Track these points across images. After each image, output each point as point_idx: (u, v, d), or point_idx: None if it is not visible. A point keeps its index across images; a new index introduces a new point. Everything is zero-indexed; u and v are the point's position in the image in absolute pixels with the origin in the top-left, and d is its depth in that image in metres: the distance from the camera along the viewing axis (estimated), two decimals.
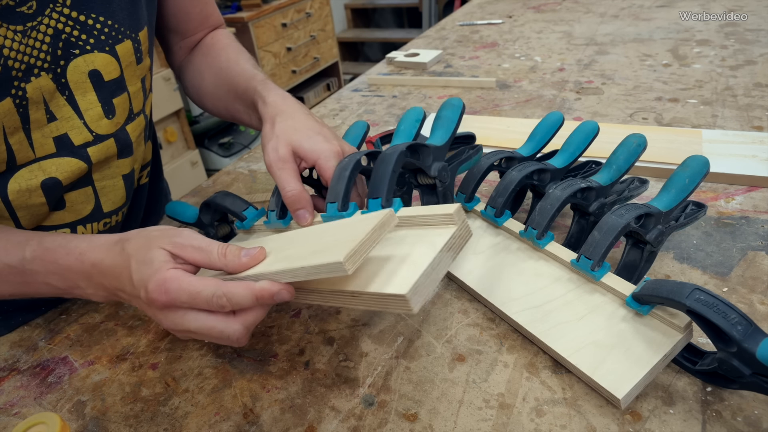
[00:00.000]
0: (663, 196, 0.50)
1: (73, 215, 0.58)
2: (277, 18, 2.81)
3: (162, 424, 0.45)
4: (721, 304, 0.36)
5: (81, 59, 0.51)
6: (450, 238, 0.39)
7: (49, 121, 0.51)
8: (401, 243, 0.42)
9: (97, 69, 0.52)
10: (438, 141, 0.55)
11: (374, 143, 0.83)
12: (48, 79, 0.49)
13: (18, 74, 0.47)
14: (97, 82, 0.53)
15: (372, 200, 0.46)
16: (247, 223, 0.57)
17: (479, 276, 0.54)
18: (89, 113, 0.53)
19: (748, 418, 0.39)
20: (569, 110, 0.92)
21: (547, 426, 0.41)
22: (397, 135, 0.59)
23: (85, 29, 0.50)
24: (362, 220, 0.41)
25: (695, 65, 1.03)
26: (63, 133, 0.52)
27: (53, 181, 0.53)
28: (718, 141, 0.73)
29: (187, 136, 2.46)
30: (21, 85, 0.47)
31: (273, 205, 0.54)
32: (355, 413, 0.44)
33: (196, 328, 0.40)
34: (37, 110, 0.49)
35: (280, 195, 0.53)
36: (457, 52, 1.30)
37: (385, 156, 0.47)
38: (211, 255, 0.42)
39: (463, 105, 0.58)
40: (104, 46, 0.52)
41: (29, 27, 0.46)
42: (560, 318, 0.47)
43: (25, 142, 0.50)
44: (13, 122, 0.48)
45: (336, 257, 0.36)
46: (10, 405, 0.49)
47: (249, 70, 0.63)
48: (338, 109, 1.07)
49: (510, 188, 0.55)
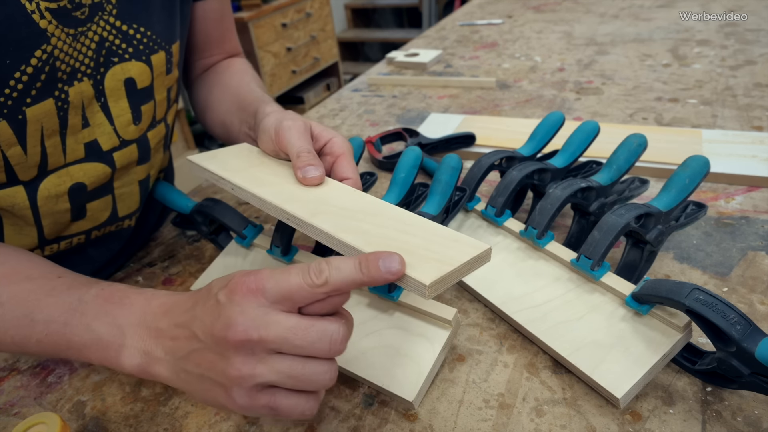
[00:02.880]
0: (663, 196, 0.50)
1: (91, 222, 0.58)
2: (277, 18, 2.81)
3: (162, 424, 0.45)
4: (720, 304, 0.36)
5: (119, 67, 0.52)
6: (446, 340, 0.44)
7: (83, 127, 0.52)
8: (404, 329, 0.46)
9: (132, 77, 0.53)
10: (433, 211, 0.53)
11: (374, 143, 0.83)
12: (89, 84, 0.50)
13: (63, 77, 0.47)
14: (131, 90, 0.54)
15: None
16: (246, 242, 0.57)
17: (479, 275, 0.54)
18: (120, 119, 0.54)
19: (748, 418, 0.39)
20: (569, 110, 0.92)
21: (547, 426, 0.41)
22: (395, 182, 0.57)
23: (126, 38, 0.52)
24: (456, 240, 0.37)
25: (695, 65, 1.03)
26: (93, 139, 0.53)
27: (79, 186, 0.53)
28: (718, 141, 0.73)
29: (187, 136, 2.46)
30: (64, 88, 0.48)
31: (277, 240, 0.53)
32: (355, 413, 0.44)
33: (282, 368, 0.32)
34: (75, 115, 0.50)
35: (284, 231, 0.52)
36: (457, 52, 1.30)
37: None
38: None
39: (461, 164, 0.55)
40: (141, 55, 0.53)
41: (79, 32, 0.47)
42: (560, 317, 0.47)
43: (59, 146, 0.50)
44: (52, 125, 0.48)
45: (422, 277, 0.32)
46: (10, 405, 0.49)
47: (258, 92, 0.64)
48: (338, 109, 1.07)
49: (510, 188, 0.55)
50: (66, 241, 0.58)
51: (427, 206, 0.53)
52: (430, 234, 0.37)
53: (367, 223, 0.39)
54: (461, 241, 0.36)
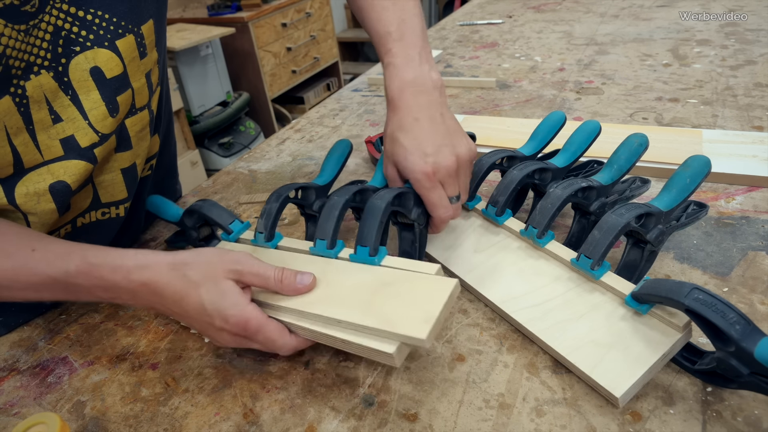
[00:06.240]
0: (664, 196, 0.50)
1: (74, 212, 0.58)
2: (277, 18, 2.81)
3: (162, 424, 0.45)
4: (720, 304, 0.36)
5: (82, 56, 0.50)
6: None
7: (54, 122, 0.50)
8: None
9: (98, 66, 0.51)
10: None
11: (374, 143, 0.83)
12: (49, 77, 0.49)
13: (17, 72, 0.46)
14: (100, 80, 0.52)
15: (360, 247, 0.49)
16: (233, 236, 0.58)
17: (479, 274, 0.54)
18: (93, 113, 0.52)
19: (748, 418, 0.39)
20: (569, 110, 0.92)
21: (547, 426, 0.41)
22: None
23: (85, 25, 0.50)
24: (423, 279, 0.44)
25: (695, 65, 1.03)
26: (69, 135, 0.52)
27: (62, 185, 0.52)
28: (718, 141, 0.73)
29: (187, 136, 2.46)
30: (20, 83, 0.47)
31: (261, 227, 0.55)
32: (355, 413, 0.44)
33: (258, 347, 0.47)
34: (39, 110, 0.49)
35: (269, 217, 0.55)
36: (457, 52, 1.30)
37: (374, 207, 0.49)
38: (269, 280, 0.46)
39: None
40: (104, 41, 0.51)
41: (31, 25, 0.46)
42: (560, 316, 0.47)
43: (31, 143, 0.49)
44: (14, 122, 0.47)
45: (418, 333, 0.39)
46: (10, 405, 0.49)
47: (385, 22, 0.59)
48: (338, 109, 1.07)
49: (511, 187, 0.55)
50: (53, 234, 0.57)
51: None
52: (397, 283, 0.45)
53: (340, 290, 0.46)
54: (433, 282, 0.44)
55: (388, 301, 0.43)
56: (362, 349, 0.42)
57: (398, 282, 0.45)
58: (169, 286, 0.44)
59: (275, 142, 0.97)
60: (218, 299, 0.44)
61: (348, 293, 0.45)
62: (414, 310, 0.41)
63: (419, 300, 0.42)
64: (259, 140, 2.82)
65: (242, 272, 0.45)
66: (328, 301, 0.45)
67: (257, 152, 0.94)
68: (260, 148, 0.95)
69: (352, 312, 0.43)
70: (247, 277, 0.45)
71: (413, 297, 0.43)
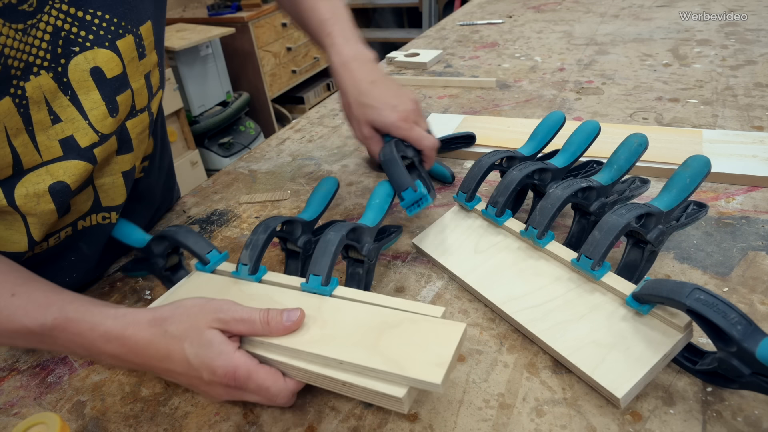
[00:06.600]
0: (664, 196, 0.50)
1: (75, 215, 0.58)
2: (277, 18, 2.81)
3: (162, 424, 0.45)
4: (721, 304, 0.36)
5: (81, 57, 0.50)
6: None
7: (53, 123, 0.50)
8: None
9: (98, 66, 0.51)
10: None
11: None
12: (48, 77, 0.49)
13: (17, 73, 0.46)
14: (100, 80, 0.52)
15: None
16: (209, 267, 0.54)
17: (479, 275, 0.54)
18: (93, 113, 0.52)
19: (748, 418, 0.39)
20: (569, 110, 0.92)
21: (547, 426, 0.41)
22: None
23: (84, 25, 0.50)
24: (430, 322, 0.42)
25: (695, 65, 1.03)
26: (69, 135, 0.51)
27: (61, 185, 0.52)
28: (718, 141, 0.73)
29: (187, 136, 2.46)
30: (20, 84, 0.47)
31: (246, 258, 0.51)
32: (355, 413, 0.44)
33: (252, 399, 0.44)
34: (39, 110, 0.49)
35: (255, 249, 0.51)
36: (457, 52, 1.30)
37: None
38: (255, 325, 0.43)
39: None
40: (104, 41, 0.51)
41: (29, 25, 0.46)
42: (560, 317, 0.47)
43: (30, 144, 0.49)
44: (14, 123, 0.47)
45: (432, 377, 0.37)
46: (10, 405, 0.49)
47: (320, 12, 0.69)
48: (338, 109, 1.07)
49: (511, 188, 0.55)
50: (54, 236, 0.57)
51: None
52: (399, 323, 0.43)
53: (338, 329, 0.44)
54: (437, 323, 0.42)
55: (395, 343, 0.41)
56: (366, 392, 0.40)
57: (403, 323, 0.43)
58: (150, 345, 0.42)
59: (275, 142, 0.97)
60: (203, 351, 0.41)
61: (349, 333, 0.43)
62: (424, 353, 0.39)
63: (429, 343, 0.40)
64: (259, 140, 2.82)
65: (226, 320, 0.42)
66: (327, 341, 0.42)
67: (257, 152, 0.94)
68: (260, 148, 0.95)
69: (356, 353, 0.40)
70: (231, 324, 0.43)
71: (422, 339, 0.41)
